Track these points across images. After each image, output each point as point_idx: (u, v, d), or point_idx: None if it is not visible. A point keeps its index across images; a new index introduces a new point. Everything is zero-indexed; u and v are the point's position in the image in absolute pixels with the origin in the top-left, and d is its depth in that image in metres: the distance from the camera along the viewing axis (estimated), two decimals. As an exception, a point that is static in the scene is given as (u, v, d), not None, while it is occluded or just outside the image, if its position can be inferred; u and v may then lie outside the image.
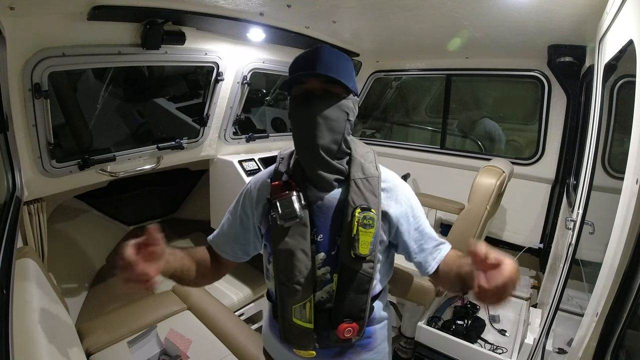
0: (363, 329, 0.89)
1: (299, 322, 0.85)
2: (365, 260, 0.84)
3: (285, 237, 0.84)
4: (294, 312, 0.85)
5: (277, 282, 0.86)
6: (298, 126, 0.86)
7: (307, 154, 0.86)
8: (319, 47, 0.84)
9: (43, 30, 1.37)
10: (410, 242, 0.92)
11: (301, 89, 0.83)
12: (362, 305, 0.86)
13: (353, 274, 0.84)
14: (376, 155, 0.94)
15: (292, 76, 0.83)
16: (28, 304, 1.07)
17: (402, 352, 2.12)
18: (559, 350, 1.67)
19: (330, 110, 0.81)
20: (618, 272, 0.75)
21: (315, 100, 0.81)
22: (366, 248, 0.82)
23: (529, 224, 2.62)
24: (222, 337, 1.58)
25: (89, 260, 2.50)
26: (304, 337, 0.87)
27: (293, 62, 0.87)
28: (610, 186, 1.57)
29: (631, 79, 0.85)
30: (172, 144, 2.13)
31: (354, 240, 0.82)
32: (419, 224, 0.93)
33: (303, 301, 0.84)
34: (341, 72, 0.82)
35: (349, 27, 2.08)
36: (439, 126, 3.13)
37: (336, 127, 0.83)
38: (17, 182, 1.49)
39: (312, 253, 0.85)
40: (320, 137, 0.81)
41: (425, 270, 0.94)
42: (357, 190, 0.85)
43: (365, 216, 0.82)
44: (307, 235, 0.84)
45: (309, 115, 0.81)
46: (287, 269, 0.84)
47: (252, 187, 0.96)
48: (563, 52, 2.06)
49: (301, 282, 0.83)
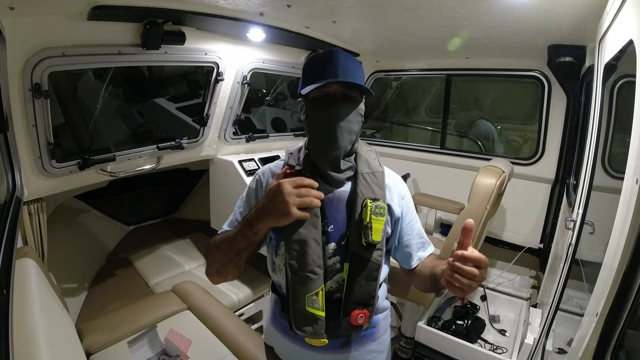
0: (372, 315, 0.93)
1: (312, 310, 0.87)
2: (376, 248, 0.89)
3: (299, 227, 0.86)
4: (307, 301, 0.87)
5: (290, 271, 0.88)
6: (318, 127, 0.89)
7: (325, 152, 0.90)
8: (335, 50, 0.88)
9: (43, 30, 1.37)
10: (399, 235, 0.99)
11: (321, 91, 0.87)
12: (372, 292, 0.91)
13: (364, 262, 0.89)
14: (377, 154, 1.01)
15: (319, 85, 0.84)
16: (28, 304, 1.07)
17: (402, 352, 2.12)
18: (559, 350, 1.67)
19: (350, 114, 0.88)
20: (618, 272, 0.75)
21: (337, 104, 0.86)
22: (379, 235, 0.87)
23: (529, 224, 2.62)
24: (222, 337, 1.58)
25: (89, 260, 2.50)
26: (317, 325, 0.89)
27: (309, 64, 0.91)
28: (610, 186, 1.57)
29: (631, 79, 0.85)
30: (172, 144, 2.13)
31: (367, 228, 0.86)
32: (410, 219, 1.00)
33: (316, 290, 0.87)
34: (357, 77, 0.89)
35: (349, 27, 2.08)
36: (439, 126, 3.13)
37: (354, 129, 0.90)
38: (17, 182, 1.49)
39: (323, 243, 0.89)
40: (341, 139, 0.87)
41: (407, 264, 1.02)
42: (365, 183, 0.92)
43: (377, 205, 0.87)
44: (319, 226, 0.88)
45: (332, 118, 0.86)
46: (300, 258, 0.86)
47: (261, 178, 0.99)
48: (563, 52, 2.06)
49: (314, 271, 0.86)
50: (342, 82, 0.86)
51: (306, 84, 0.88)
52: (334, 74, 0.85)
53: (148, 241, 2.82)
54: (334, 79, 0.85)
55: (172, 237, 2.91)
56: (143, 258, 2.58)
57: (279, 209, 0.78)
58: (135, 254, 2.62)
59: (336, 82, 0.85)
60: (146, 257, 2.61)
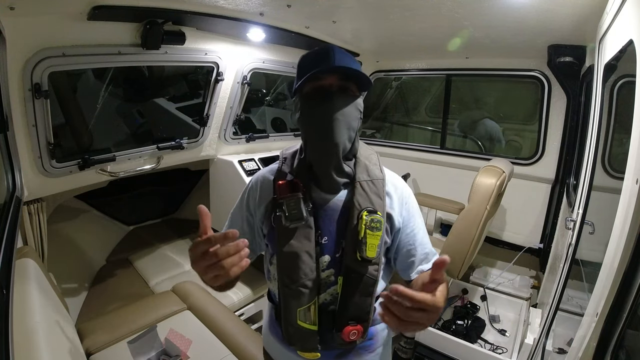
0: (367, 330, 0.88)
1: (303, 324, 0.84)
2: (371, 263, 0.83)
3: (290, 239, 0.82)
4: (299, 315, 0.83)
5: (281, 284, 0.85)
6: (314, 123, 0.82)
7: (322, 150, 0.83)
8: (330, 46, 0.83)
9: (43, 30, 1.37)
10: (400, 245, 0.91)
11: (316, 85, 0.81)
12: (367, 308, 0.85)
13: (358, 277, 0.83)
14: (379, 157, 0.94)
15: (315, 71, 0.78)
16: (28, 304, 1.07)
17: (402, 352, 2.12)
18: (559, 350, 1.67)
19: (347, 107, 0.80)
20: (618, 272, 0.75)
21: (333, 96, 0.79)
22: (373, 251, 0.81)
23: (529, 224, 2.62)
24: (222, 337, 1.58)
25: (89, 260, 2.50)
26: (309, 339, 0.86)
27: (303, 61, 0.86)
28: (610, 186, 1.57)
29: (631, 79, 0.85)
30: (172, 144, 2.13)
31: (361, 243, 0.80)
32: (412, 228, 0.91)
33: (308, 304, 0.83)
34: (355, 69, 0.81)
35: (349, 27, 2.08)
36: (439, 126, 3.13)
37: (352, 124, 0.83)
38: (17, 182, 1.49)
39: (317, 255, 0.84)
40: (338, 134, 0.80)
41: (406, 274, 0.94)
42: (362, 192, 0.85)
43: (373, 219, 0.81)
44: (312, 238, 0.83)
45: (328, 111, 0.79)
46: (292, 271, 0.82)
47: (254, 186, 0.95)
48: (563, 52, 2.06)
49: (306, 285, 0.82)
50: (339, 74, 0.80)
51: (300, 79, 0.82)
52: (329, 65, 0.79)
53: (148, 241, 2.82)
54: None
55: (172, 237, 2.91)
56: (143, 258, 2.58)
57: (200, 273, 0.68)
58: (135, 254, 2.62)
59: (333, 70, 0.79)
60: (146, 257, 2.60)
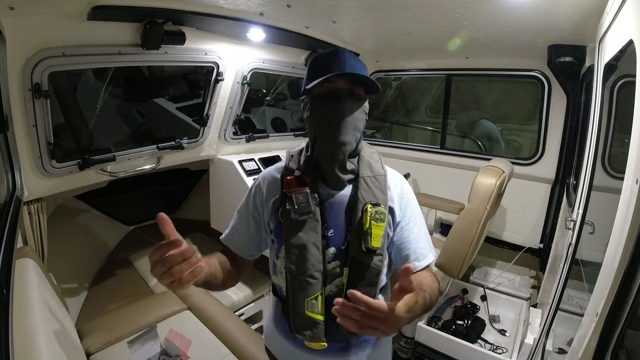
0: None
1: (311, 314, 0.87)
2: (376, 253, 0.87)
3: (298, 232, 0.86)
4: (307, 306, 0.87)
5: (290, 275, 0.88)
6: (324, 123, 0.88)
7: (330, 149, 0.88)
8: (340, 49, 0.89)
9: (43, 30, 1.37)
10: (396, 236, 0.94)
11: (327, 87, 0.86)
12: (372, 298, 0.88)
13: (364, 267, 0.87)
14: (380, 156, 0.99)
15: (329, 75, 0.83)
16: (28, 304, 1.07)
17: (402, 352, 2.12)
18: (559, 350, 1.67)
19: (355, 110, 0.87)
20: (618, 272, 0.75)
21: (344, 99, 0.86)
22: (378, 241, 0.86)
23: (529, 224, 2.62)
24: (222, 337, 1.58)
25: (89, 260, 2.50)
26: (317, 329, 0.89)
27: (315, 61, 0.91)
28: (610, 186, 1.57)
29: (631, 79, 0.85)
30: (172, 144, 2.13)
31: (366, 234, 0.85)
32: (408, 221, 0.95)
33: (315, 294, 0.87)
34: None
35: (348, 27, 2.08)
36: (439, 126, 3.13)
37: (359, 126, 0.89)
38: (17, 182, 1.49)
39: (323, 247, 0.88)
40: (346, 134, 0.86)
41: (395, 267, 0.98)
42: (366, 187, 0.90)
43: (377, 211, 0.86)
44: (319, 230, 0.88)
45: (338, 113, 0.85)
46: (300, 262, 0.86)
47: (261, 183, 0.99)
48: (563, 52, 2.06)
49: (313, 276, 0.86)
50: (349, 78, 0.85)
51: (311, 80, 0.86)
52: (340, 70, 0.84)
53: (148, 241, 2.82)
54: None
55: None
56: (143, 258, 2.58)
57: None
58: (135, 254, 2.62)
59: (345, 75, 0.84)
60: (146, 257, 2.56)
